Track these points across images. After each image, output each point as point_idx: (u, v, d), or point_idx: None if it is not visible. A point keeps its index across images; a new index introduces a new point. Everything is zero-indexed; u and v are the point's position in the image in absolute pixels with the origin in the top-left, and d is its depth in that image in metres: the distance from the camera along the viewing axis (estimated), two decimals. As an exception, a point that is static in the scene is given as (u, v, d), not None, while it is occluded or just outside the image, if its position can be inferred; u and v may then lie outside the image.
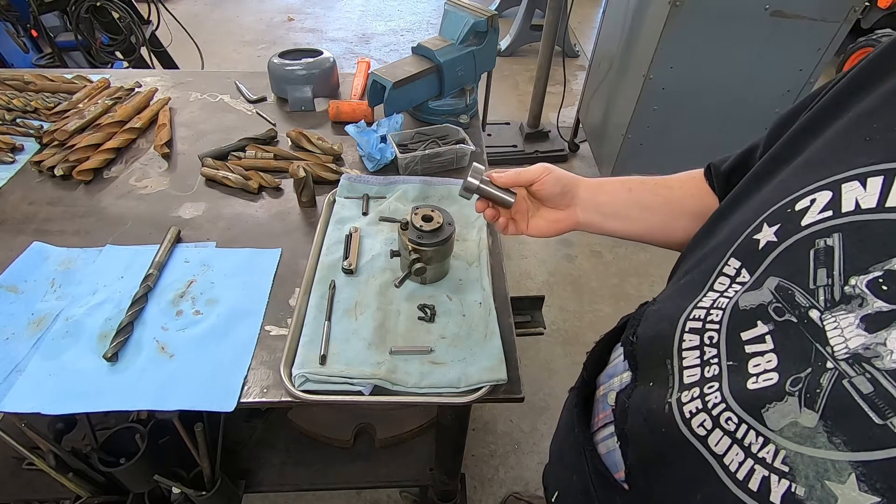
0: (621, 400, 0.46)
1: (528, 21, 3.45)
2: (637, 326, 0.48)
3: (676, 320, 0.41)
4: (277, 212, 0.96)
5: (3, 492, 1.05)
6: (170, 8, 2.51)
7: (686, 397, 0.36)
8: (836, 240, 0.31)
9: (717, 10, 1.59)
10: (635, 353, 0.46)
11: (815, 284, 0.31)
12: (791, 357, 0.31)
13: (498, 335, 0.72)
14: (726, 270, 0.39)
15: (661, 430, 0.38)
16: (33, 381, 0.67)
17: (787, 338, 0.32)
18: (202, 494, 0.95)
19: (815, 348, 0.30)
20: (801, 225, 0.33)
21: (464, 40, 1.15)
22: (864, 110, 0.34)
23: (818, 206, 0.32)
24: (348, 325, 0.73)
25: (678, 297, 0.43)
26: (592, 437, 0.50)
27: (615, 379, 0.50)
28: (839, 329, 0.29)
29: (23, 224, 0.91)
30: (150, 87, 1.29)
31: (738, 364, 0.34)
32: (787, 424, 0.30)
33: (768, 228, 0.35)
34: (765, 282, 0.34)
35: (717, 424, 0.33)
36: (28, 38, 2.19)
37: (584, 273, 2.02)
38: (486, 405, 1.27)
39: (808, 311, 0.31)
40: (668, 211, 0.58)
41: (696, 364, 0.37)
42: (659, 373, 0.41)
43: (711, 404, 0.34)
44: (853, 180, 0.31)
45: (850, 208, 0.31)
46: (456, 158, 1.06)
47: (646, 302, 0.52)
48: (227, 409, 0.64)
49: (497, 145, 2.60)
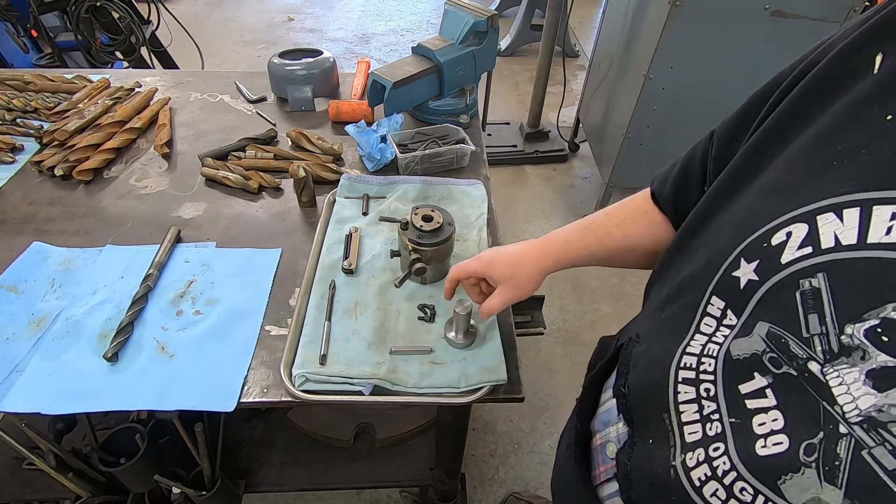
0: (622, 462, 0.43)
1: (528, 21, 3.45)
2: (627, 374, 0.46)
3: (668, 368, 0.39)
4: (277, 212, 0.96)
5: (3, 492, 1.05)
6: (170, 8, 2.51)
7: (691, 461, 0.35)
8: (821, 280, 0.29)
9: (717, 10, 1.59)
10: (629, 406, 0.45)
11: (808, 332, 0.30)
12: (798, 417, 0.29)
13: (498, 335, 0.72)
14: (710, 311, 0.37)
15: (672, 497, 0.36)
16: (33, 381, 0.67)
17: (789, 393, 0.30)
18: (202, 494, 0.95)
19: (822, 407, 0.28)
20: (782, 262, 0.31)
21: (464, 40, 1.15)
22: (825, 129, 0.33)
23: (795, 240, 0.31)
24: (348, 325, 0.73)
25: (664, 338, 0.41)
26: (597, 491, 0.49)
27: (611, 428, 0.48)
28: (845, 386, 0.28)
29: (23, 224, 0.91)
30: (150, 87, 1.29)
31: (742, 421, 0.32)
32: (808, 500, 0.28)
33: (747, 265, 0.34)
34: (754, 327, 0.33)
35: (732, 495, 0.31)
36: (28, 38, 2.19)
37: (584, 273, 2.01)
38: (486, 405, 1.27)
39: (806, 363, 0.30)
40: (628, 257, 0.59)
41: (696, 419, 0.35)
42: (657, 428, 0.39)
43: (721, 471, 0.32)
44: (828, 211, 0.30)
45: (829, 244, 0.29)
46: (456, 158, 1.06)
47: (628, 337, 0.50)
48: (227, 409, 0.64)
49: (497, 145, 2.60)
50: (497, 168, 2.54)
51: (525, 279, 0.60)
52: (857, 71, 0.32)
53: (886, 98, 0.30)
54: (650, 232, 0.56)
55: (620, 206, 0.60)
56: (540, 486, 1.40)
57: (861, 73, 0.32)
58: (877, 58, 0.31)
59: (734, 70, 1.70)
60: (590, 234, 0.59)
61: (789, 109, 0.37)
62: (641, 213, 0.57)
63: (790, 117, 0.37)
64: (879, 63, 0.31)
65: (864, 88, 0.31)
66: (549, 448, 1.48)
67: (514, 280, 0.61)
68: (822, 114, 0.34)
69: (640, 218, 0.57)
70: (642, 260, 0.59)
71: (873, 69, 0.31)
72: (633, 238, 0.57)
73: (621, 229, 0.57)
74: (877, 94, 0.30)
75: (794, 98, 0.37)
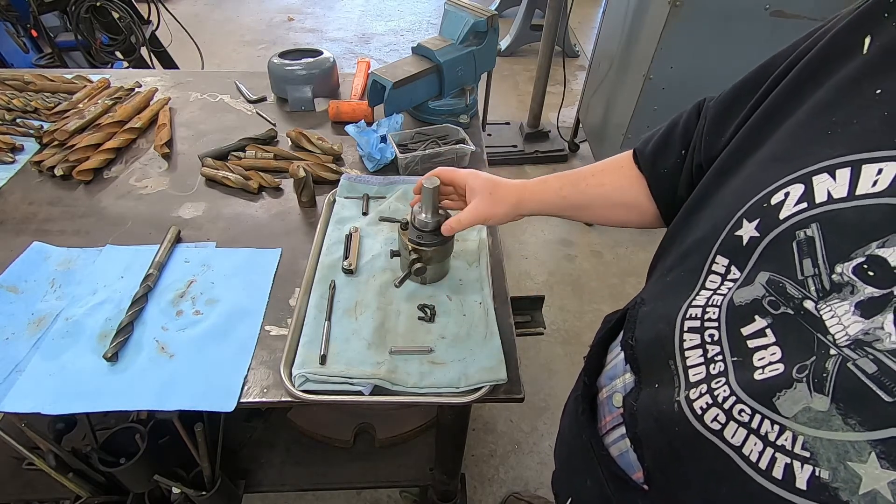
0: (629, 404, 0.46)
1: (528, 21, 3.45)
2: (634, 329, 0.48)
3: (673, 320, 0.41)
4: (277, 212, 0.96)
5: (3, 492, 1.05)
6: (170, 8, 2.51)
7: (694, 394, 0.37)
8: (814, 230, 0.32)
9: (717, 10, 1.59)
10: (636, 356, 0.47)
11: (803, 275, 0.32)
12: (794, 347, 0.32)
13: (498, 335, 0.71)
14: (715, 268, 0.39)
15: (675, 428, 0.38)
16: (33, 381, 0.67)
17: (787, 330, 0.33)
18: (202, 494, 0.95)
19: (816, 338, 0.31)
20: (780, 218, 0.34)
21: (464, 40, 1.15)
22: (820, 103, 0.36)
23: (793, 198, 0.34)
24: (348, 325, 0.73)
25: (670, 296, 0.43)
26: (602, 440, 0.50)
27: (617, 380, 0.50)
28: (836, 317, 0.30)
29: (23, 224, 0.91)
30: (150, 87, 1.29)
31: (743, 359, 0.35)
32: (800, 410, 0.30)
33: (748, 224, 0.36)
34: (756, 277, 0.35)
35: (731, 417, 0.34)
36: (28, 38, 2.19)
37: (584, 273, 2.02)
38: (486, 405, 1.27)
39: (802, 301, 0.32)
40: (600, 205, 0.62)
41: (700, 362, 0.38)
42: (663, 373, 0.41)
43: (721, 398, 0.35)
44: (822, 172, 0.33)
45: (823, 199, 0.32)
46: (456, 158, 1.06)
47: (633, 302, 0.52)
48: (227, 409, 0.64)
49: (497, 145, 2.60)
50: (497, 168, 2.54)
51: (500, 200, 0.64)
52: (848, 51, 0.35)
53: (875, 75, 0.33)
54: (624, 184, 0.59)
55: (601, 161, 0.64)
56: (540, 486, 1.40)
57: (852, 54, 0.35)
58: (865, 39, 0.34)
59: (734, 70, 1.68)
60: (565, 178, 0.63)
61: (786, 90, 0.40)
62: (618, 166, 0.61)
63: (787, 96, 0.39)
64: (868, 44, 0.34)
65: (855, 67, 0.34)
66: (548, 448, 1.48)
67: (492, 196, 0.64)
68: (817, 90, 0.37)
69: (616, 170, 0.61)
70: (611, 213, 0.62)
71: (863, 50, 0.34)
72: (606, 186, 0.60)
73: (597, 178, 0.61)
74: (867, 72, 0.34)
75: (790, 80, 0.39)
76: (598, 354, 0.57)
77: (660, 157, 0.56)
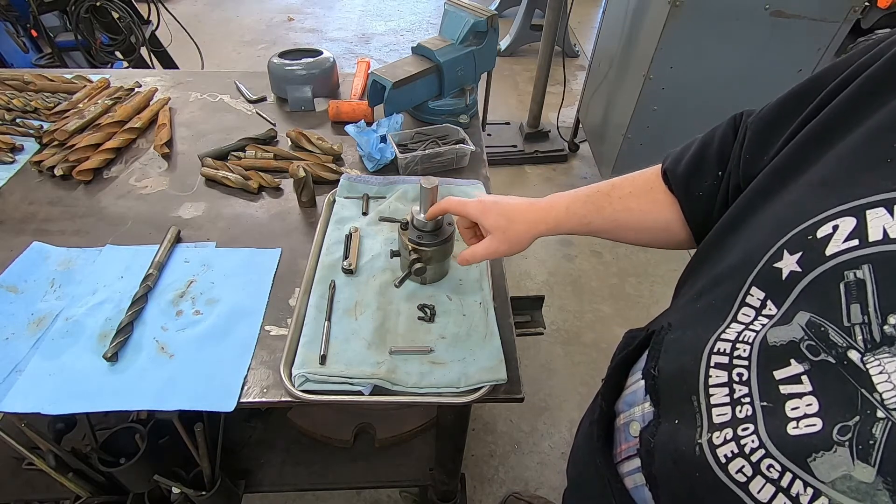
0: (645, 439, 0.43)
1: (528, 21, 3.45)
2: (658, 359, 0.45)
3: (700, 353, 0.38)
4: (277, 212, 0.96)
5: (3, 492, 1.05)
6: (170, 8, 2.51)
7: (718, 439, 0.34)
8: (866, 272, 0.29)
9: (717, 10, 1.59)
10: (658, 388, 0.44)
11: (849, 322, 0.29)
12: (834, 402, 0.29)
13: (498, 335, 0.71)
14: (749, 301, 0.36)
15: (695, 473, 0.35)
16: (33, 381, 0.67)
17: (826, 380, 0.30)
18: (202, 494, 0.95)
19: (860, 394, 0.28)
20: (826, 254, 0.31)
21: (464, 40, 1.15)
22: (881, 124, 0.32)
23: (842, 233, 0.30)
24: (348, 325, 0.73)
25: (698, 326, 0.41)
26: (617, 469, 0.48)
27: (636, 408, 0.48)
28: (886, 374, 0.27)
29: (23, 224, 0.91)
30: (149, 87, 1.29)
31: (774, 406, 0.32)
32: (839, 477, 0.27)
33: (790, 256, 0.33)
34: (794, 316, 0.32)
35: (759, 471, 0.31)
36: (28, 38, 2.19)
37: (583, 273, 2.02)
38: (486, 405, 1.27)
39: (846, 351, 0.29)
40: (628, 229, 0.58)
41: (726, 402, 0.35)
42: (684, 409, 0.38)
43: (749, 449, 0.32)
44: (878, 206, 0.29)
45: (877, 237, 0.29)
46: (456, 158, 1.06)
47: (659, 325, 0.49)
48: (227, 409, 0.64)
49: (497, 145, 2.60)
50: (497, 168, 2.54)
51: (515, 237, 0.61)
52: None
53: None
54: (653, 210, 0.55)
55: (628, 179, 0.59)
56: (540, 486, 1.40)
57: None
58: None
59: (734, 70, 1.70)
60: (591, 204, 0.58)
61: (841, 107, 0.36)
62: (647, 189, 0.56)
63: (842, 115, 0.36)
64: None
65: None
66: (548, 448, 1.48)
67: (506, 234, 0.61)
68: (876, 112, 0.33)
69: (645, 194, 0.56)
70: (640, 236, 0.58)
71: None
72: (633, 212, 0.56)
73: (624, 202, 0.57)
74: None
75: (847, 96, 0.36)
76: (617, 378, 0.54)
77: (694, 179, 0.51)
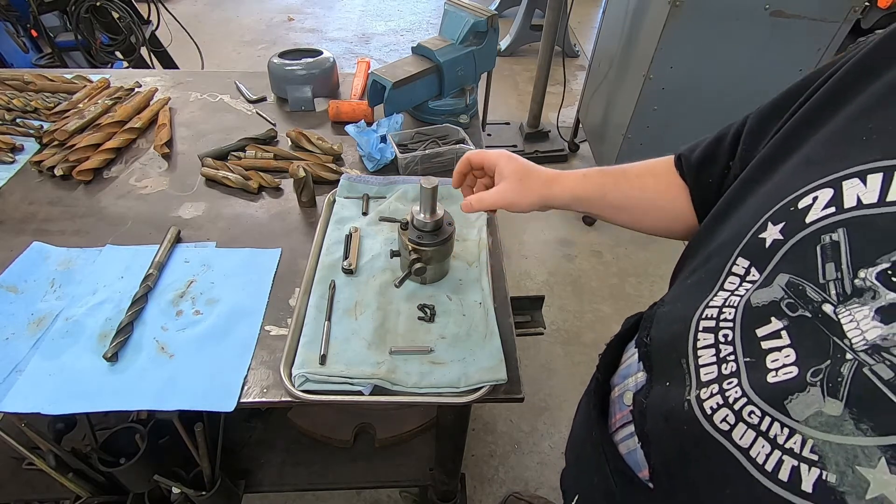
0: (639, 400, 0.46)
1: (528, 21, 3.45)
2: (650, 328, 0.48)
3: (689, 320, 0.41)
4: (277, 212, 0.96)
5: (3, 492, 1.05)
6: (170, 8, 2.51)
7: (705, 394, 0.37)
8: (840, 234, 0.31)
9: (716, 10, 1.59)
10: (650, 354, 0.46)
11: (824, 279, 0.32)
12: (809, 351, 0.31)
13: (498, 335, 0.71)
14: (735, 270, 0.39)
15: (683, 427, 0.38)
16: (33, 381, 0.67)
17: (802, 332, 0.32)
18: (202, 494, 0.95)
19: (832, 341, 0.30)
20: (806, 222, 0.33)
21: (464, 40, 1.15)
22: (858, 109, 0.35)
23: (821, 203, 0.33)
24: (348, 325, 0.73)
25: (688, 298, 0.43)
26: (611, 437, 0.50)
27: (630, 379, 0.50)
28: (855, 322, 0.30)
29: (23, 224, 0.91)
30: (150, 87, 1.29)
31: (756, 360, 0.34)
32: (811, 414, 0.30)
33: (773, 227, 0.36)
34: (775, 279, 0.35)
35: (741, 418, 0.34)
36: (28, 38, 2.20)
37: (583, 273, 2.02)
38: (486, 405, 1.27)
39: (821, 305, 0.32)
40: (639, 208, 0.60)
41: (713, 362, 0.37)
42: (674, 372, 0.41)
43: (732, 399, 0.34)
44: (853, 178, 0.32)
45: (852, 204, 0.31)
46: (456, 158, 1.06)
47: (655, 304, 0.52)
48: (227, 409, 0.64)
49: (497, 145, 2.60)
50: (497, 168, 2.54)
51: (528, 188, 0.61)
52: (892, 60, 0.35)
53: None
54: (666, 192, 0.57)
55: (642, 163, 0.61)
56: (540, 486, 1.40)
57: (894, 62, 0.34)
58: None
59: (734, 70, 1.70)
60: (608, 175, 0.60)
61: (824, 97, 0.39)
62: (661, 171, 0.58)
63: (824, 103, 0.39)
64: None
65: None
66: (548, 448, 1.48)
67: (521, 183, 0.61)
68: (856, 97, 0.36)
69: (660, 175, 0.58)
70: (650, 217, 0.60)
71: None
72: (647, 191, 0.58)
73: (640, 179, 0.59)
74: None
75: (830, 86, 0.39)
76: (614, 352, 0.57)
77: (705, 167, 0.54)
